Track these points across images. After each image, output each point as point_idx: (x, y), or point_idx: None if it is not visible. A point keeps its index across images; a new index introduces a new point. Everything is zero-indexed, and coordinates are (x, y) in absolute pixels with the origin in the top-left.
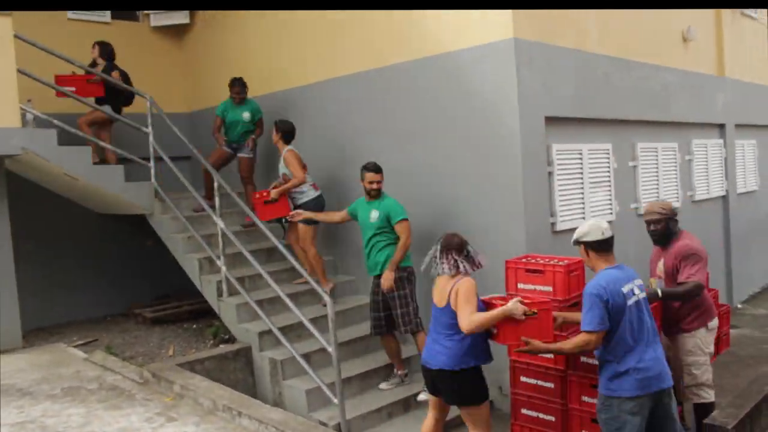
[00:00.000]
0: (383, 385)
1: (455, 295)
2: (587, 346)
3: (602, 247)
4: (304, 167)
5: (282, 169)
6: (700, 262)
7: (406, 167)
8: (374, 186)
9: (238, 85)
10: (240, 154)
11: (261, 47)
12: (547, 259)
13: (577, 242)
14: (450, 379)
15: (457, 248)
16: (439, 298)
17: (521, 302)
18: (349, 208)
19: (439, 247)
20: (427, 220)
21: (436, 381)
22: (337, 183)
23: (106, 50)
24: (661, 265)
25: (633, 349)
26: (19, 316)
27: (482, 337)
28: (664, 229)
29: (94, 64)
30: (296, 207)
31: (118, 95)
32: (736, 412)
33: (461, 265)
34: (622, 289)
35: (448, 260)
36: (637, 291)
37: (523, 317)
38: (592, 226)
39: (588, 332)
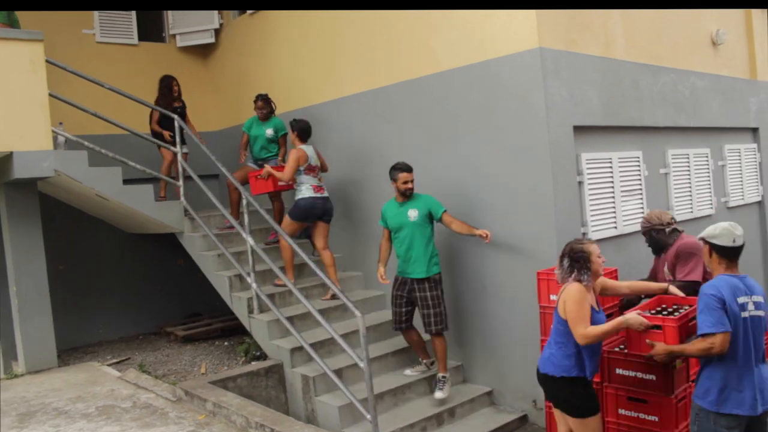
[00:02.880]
0: (408, 371)
1: (563, 302)
2: (711, 349)
3: (728, 254)
4: (312, 169)
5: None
6: (693, 259)
7: (433, 180)
8: (409, 185)
9: (260, 100)
10: None
11: (285, 64)
12: None
13: (704, 240)
14: (553, 385)
15: (569, 253)
16: (559, 301)
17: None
18: (381, 222)
19: (569, 260)
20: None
21: (542, 386)
22: (365, 196)
23: (160, 82)
24: (666, 269)
25: (740, 364)
26: (53, 336)
27: (592, 349)
28: (648, 240)
29: (167, 97)
30: (295, 202)
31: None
32: None
33: (575, 271)
34: (738, 299)
35: (561, 266)
36: (751, 306)
37: (642, 329)
38: (725, 230)
39: (706, 335)
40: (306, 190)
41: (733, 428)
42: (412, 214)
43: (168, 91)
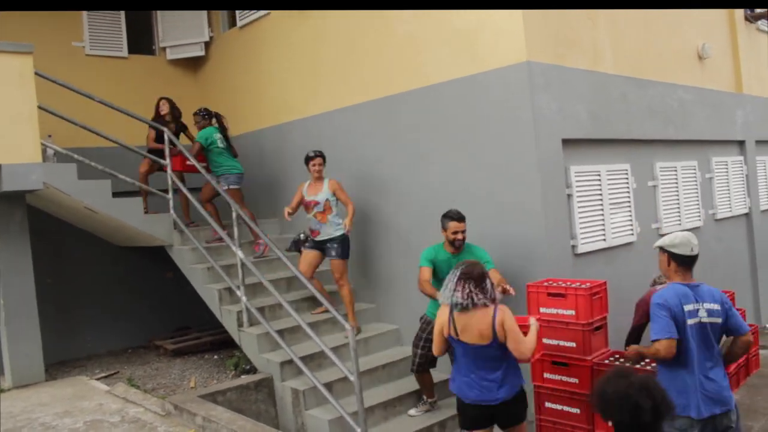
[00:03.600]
0: (413, 411)
1: (501, 327)
2: (657, 354)
3: (686, 262)
4: (306, 205)
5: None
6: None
7: (422, 193)
8: (459, 236)
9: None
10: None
11: (274, 78)
12: (569, 282)
13: (663, 249)
14: (517, 400)
15: (481, 277)
16: (476, 335)
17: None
18: (423, 263)
19: (462, 276)
20: None
21: (499, 413)
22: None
23: (176, 110)
24: None
25: (689, 369)
26: (41, 349)
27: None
28: None
29: (160, 118)
30: (326, 240)
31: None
32: None
33: (492, 294)
34: (685, 306)
35: (482, 290)
36: (703, 313)
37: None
38: (684, 240)
39: (654, 341)
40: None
41: (685, 429)
42: None
43: (155, 111)
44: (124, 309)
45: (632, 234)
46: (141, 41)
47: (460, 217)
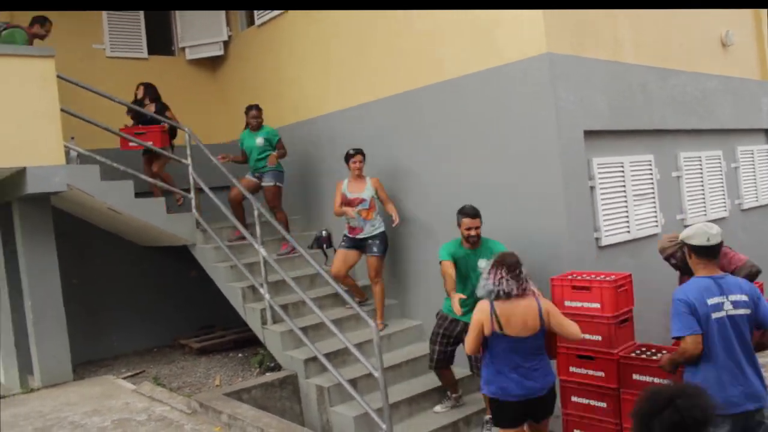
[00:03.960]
0: (438, 408)
1: (548, 316)
2: (684, 353)
3: (704, 253)
4: (349, 202)
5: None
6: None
7: (444, 187)
8: (472, 233)
9: (254, 110)
10: (263, 184)
11: (293, 75)
12: (593, 275)
13: (684, 243)
14: (554, 392)
15: (520, 264)
16: (522, 327)
17: None
18: (444, 257)
19: (506, 267)
20: None
21: (541, 405)
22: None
23: (153, 91)
24: None
25: (719, 365)
26: (69, 349)
27: None
28: (683, 256)
29: (138, 103)
30: (368, 238)
31: (171, 132)
32: None
33: (528, 282)
34: (708, 300)
35: (523, 278)
36: (728, 306)
37: None
38: (698, 230)
39: (678, 339)
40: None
41: (719, 427)
42: (481, 263)
43: (134, 96)
44: (148, 308)
45: (657, 225)
46: (160, 42)
47: (474, 213)
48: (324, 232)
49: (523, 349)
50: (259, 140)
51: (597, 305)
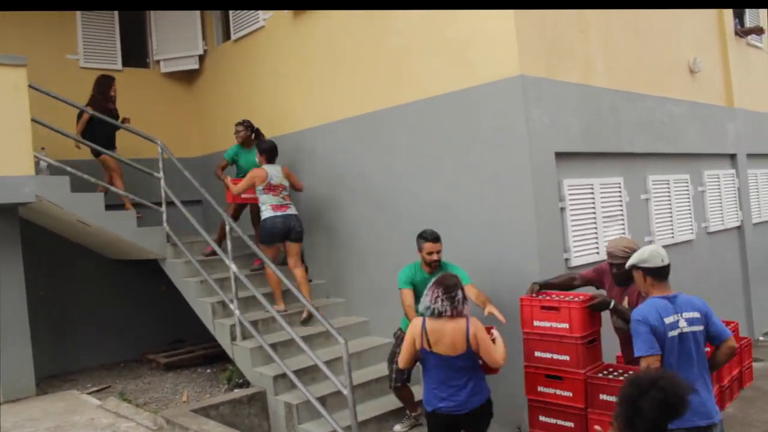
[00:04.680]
0: (398, 428)
1: (475, 338)
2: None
3: (659, 274)
4: (273, 188)
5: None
6: None
7: (416, 206)
8: (434, 257)
9: (239, 125)
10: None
11: (269, 91)
12: (562, 296)
13: (636, 267)
14: (485, 410)
15: (451, 287)
16: (450, 347)
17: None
18: (403, 285)
19: (461, 291)
20: None
21: (467, 422)
22: (347, 222)
23: (97, 83)
24: (625, 303)
25: None
26: (32, 363)
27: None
28: (617, 270)
29: (107, 100)
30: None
31: (108, 131)
32: None
33: (460, 306)
34: (665, 319)
35: (451, 299)
36: (683, 323)
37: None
38: (653, 253)
39: (642, 358)
40: (266, 210)
41: None
42: None
43: (107, 91)
44: (116, 322)
45: None
46: (135, 54)
47: (435, 238)
48: None
49: (453, 366)
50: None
51: (566, 325)
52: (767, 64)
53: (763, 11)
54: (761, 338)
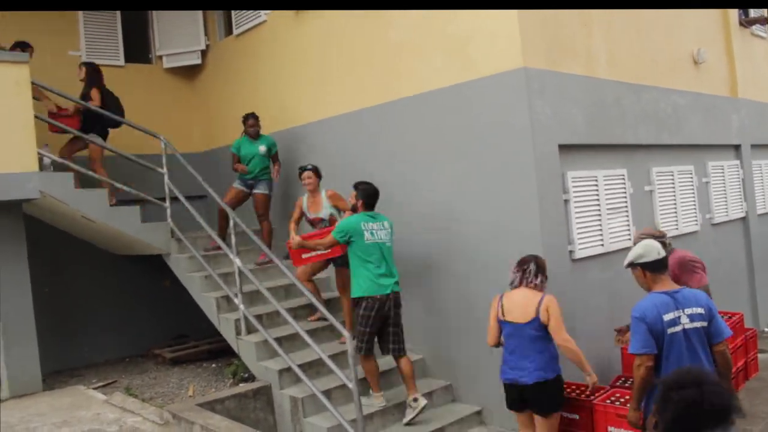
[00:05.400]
0: (366, 401)
1: (546, 310)
2: (638, 370)
3: (658, 267)
4: (311, 222)
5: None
6: (698, 267)
7: (421, 198)
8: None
9: (252, 118)
10: (255, 191)
11: (271, 85)
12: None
13: (633, 264)
14: (545, 389)
15: (544, 268)
16: (521, 314)
17: None
18: (340, 236)
19: (535, 267)
20: (442, 251)
21: (530, 396)
22: None
23: (86, 71)
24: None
25: None
26: (38, 359)
27: (555, 347)
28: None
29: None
30: None
31: (100, 120)
32: None
33: (540, 279)
34: (664, 316)
35: (543, 279)
36: (685, 320)
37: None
38: (647, 248)
39: (636, 356)
40: None
41: None
42: (383, 234)
43: (101, 81)
44: (122, 318)
45: (629, 239)
46: (137, 50)
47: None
48: None
49: (523, 335)
50: (262, 148)
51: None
52: None
53: None
54: (766, 329)
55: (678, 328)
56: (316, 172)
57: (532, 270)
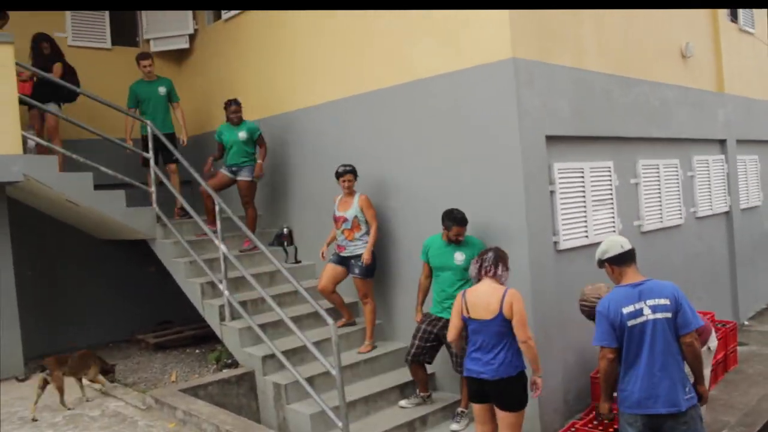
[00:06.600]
0: (403, 402)
1: (510, 306)
2: (600, 361)
3: (623, 260)
4: (335, 220)
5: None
6: None
7: (406, 188)
8: (460, 238)
9: (234, 104)
10: (239, 178)
11: (259, 71)
12: None
13: (601, 261)
14: (509, 385)
15: (505, 260)
16: (484, 310)
17: None
18: (423, 257)
19: (494, 256)
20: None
21: (493, 391)
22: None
23: (51, 46)
24: None
25: (630, 368)
26: (21, 343)
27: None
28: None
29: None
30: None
31: (56, 90)
32: (746, 431)
33: (501, 271)
34: (623, 309)
35: (503, 270)
36: (647, 311)
37: None
38: (610, 243)
39: (600, 348)
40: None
41: (631, 424)
42: (459, 257)
43: (38, 53)
44: (106, 302)
45: (614, 231)
46: (125, 33)
47: (462, 222)
48: (285, 229)
49: (486, 331)
50: (242, 134)
51: None
52: (758, 49)
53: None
54: (746, 323)
55: (640, 320)
56: (355, 173)
57: (489, 258)
